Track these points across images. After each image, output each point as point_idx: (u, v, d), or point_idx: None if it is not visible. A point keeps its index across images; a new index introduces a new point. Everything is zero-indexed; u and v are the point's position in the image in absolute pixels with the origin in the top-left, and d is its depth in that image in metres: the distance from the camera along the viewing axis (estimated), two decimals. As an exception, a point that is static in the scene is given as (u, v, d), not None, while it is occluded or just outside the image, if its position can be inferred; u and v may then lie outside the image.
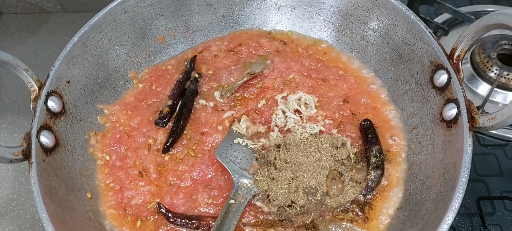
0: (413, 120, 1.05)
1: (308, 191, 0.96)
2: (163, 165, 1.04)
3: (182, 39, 1.26)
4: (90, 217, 0.95)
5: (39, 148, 0.91)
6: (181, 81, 1.16)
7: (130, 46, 1.19)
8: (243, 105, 1.12)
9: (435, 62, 0.98)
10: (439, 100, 0.97)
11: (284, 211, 0.96)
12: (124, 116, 1.11)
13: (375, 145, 1.01)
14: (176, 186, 1.01)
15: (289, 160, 1.00)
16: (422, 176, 0.96)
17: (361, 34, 1.18)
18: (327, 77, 1.15)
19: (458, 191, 0.81)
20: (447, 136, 0.93)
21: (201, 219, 0.95)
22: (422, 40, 1.02)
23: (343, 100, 1.11)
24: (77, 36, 1.05)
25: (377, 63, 1.16)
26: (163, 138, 1.08)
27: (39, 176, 0.87)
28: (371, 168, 0.98)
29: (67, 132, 1.01)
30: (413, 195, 0.95)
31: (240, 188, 0.97)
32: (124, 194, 1.00)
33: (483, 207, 1.09)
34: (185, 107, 1.11)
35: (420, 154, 1.00)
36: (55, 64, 1.00)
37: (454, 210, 0.80)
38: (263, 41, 1.23)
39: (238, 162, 1.01)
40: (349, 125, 1.07)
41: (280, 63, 1.18)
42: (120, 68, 1.17)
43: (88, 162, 1.04)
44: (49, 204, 0.85)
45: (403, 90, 1.09)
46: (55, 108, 0.98)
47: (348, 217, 0.95)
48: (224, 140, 1.05)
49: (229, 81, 1.16)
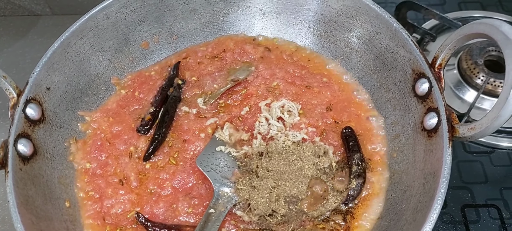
0: (396, 128, 1.04)
1: (289, 200, 0.96)
2: (144, 173, 1.03)
3: (166, 45, 1.25)
4: (68, 226, 0.94)
5: (16, 156, 0.90)
6: (164, 88, 1.15)
7: (113, 52, 1.18)
8: (226, 112, 1.11)
9: (417, 70, 0.98)
10: (421, 109, 0.97)
11: (264, 220, 0.95)
12: (105, 123, 1.10)
13: (357, 153, 1.00)
14: (157, 194, 1.00)
15: (271, 168, 0.99)
16: (403, 185, 0.95)
17: (345, 41, 1.17)
18: (311, 84, 1.14)
19: (437, 201, 0.80)
20: (428, 145, 0.92)
21: (180, 229, 0.94)
22: (404, 48, 1.01)
23: (326, 108, 1.11)
24: (57, 43, 1.04)
25: (360, 70, 1.15)
26: (144, 145, 1.07)
27: (15, 185, 0.86)
28: (353, 177, 0.98)
29: (46, 140, 1.00)
30: (394, 204, 0.94)
31: (221, 197, 0.96)
32: (104, 203, 0.99)
33: (468, 215, 1.08)
34: (167, 114, 1.10)
35: (401, 163, 0.99)
36: (34, 71, 0.99)
37: (432, 221, 0.79)
38: (247, 48, 1.22)
39: (220, 170, 1.00)
40: (331, 133, 1.06)
41: (264, 70, 1.17)
42: (102, 75, 1.16)
43: (67, 170, 1.03)
44: (24, 214, 0.84)
45: (386, 98, 1.08)
46: (34, 116, 0.97)
47: (329, 226, 0.94)
48: (206, 148, 1.04)
49: (213, 88, 1.16)
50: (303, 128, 1.06)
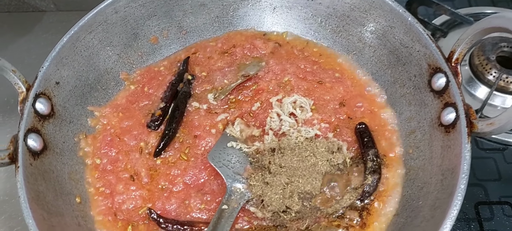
0: (411, 124, 1.03)
1: (303, 197, 0.94)
2: (154, 169, 1.02)
3: (175, 40, 1.23)
4: (79, 222, 0.93)
5: (26, 151, 0.89)
6: (173, 83, 1.13)
7: (122, 47, 1.16)
8: (237, 108, 1.10)
9: (433, 65, 0.96)
10: (437, 104, 0.95)
11: (278, 216, 0.94)
12: (115, 118, 1.09)
13: (372, 149, 0.99)
14: (168, 190, 0.99)
15: (284, 164, 0.97)
16: (420, 182, 0.94)
17: (358, 36, 1.16)
18: (323, 79, 1.13)
19: (457, 198, 0.79)
20: (445, 141, 0.91)
21: (193, 225, 0.93)
22: (420, 43, 1.00)
23: (339, 104, 1.09)
24: (66, 37, 1.03)
25: (374, 65, 1.14)
26: (155, 141, 1.06)
27: (25, 180, 0.85)
28: (368, 173, 0.96)
29: (55, 135, 0.98)
30: (410, 201, 0.93)
31: (234, 193, 0.95)
32: (115, 199, 0.98)
33: (482, 212, 1.07)
34: (177, 110, 1.08)
35: (417, 159, 0.98)
36: (43, 65, 0.98)
37: (452, 217, 0.78)
38: (258, 43, 1.21)
39: (232, 166, 0.98)
40: (345, 128, 1.05)
41: (275, 65, 1.16)
42: (111, 70, 1.15)
43: (77, 165, 1.01)
44: (36, 209, 0.83)
45: (400, 94, 1.07)
46: (43, 111, 0.96)
47: (344, 223, 0.93)
48: (217, 143, 1.03)
49: (223, 84, 1.14)
50: (316, 124, 1.05)
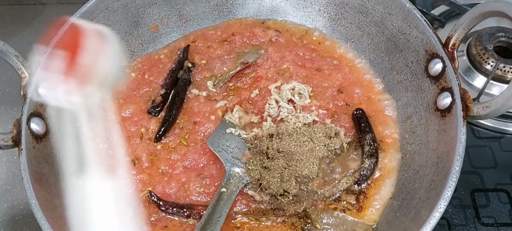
0: (408, 109, 1.04)
1: (301, 180, 0.96)
2: (155, 154, 1.03)
3: (175, 28, 1.25)
4: (80, 204, 0.94)
5: (29, 134, 0.90)
6: (174, 71, 1.15)
7: (123, 35, 1.18)
8: (236, 95, 1.11)
9: (430, 51, 0.98)
10: (434, 89, 0.96)
11: (276, 200, 0.95)
12: (116, 105, 1.10)
13: (369, 133, 1.00)
14: (168, 174, 1.00)
15: (282, 149, 0.99)
16: (416, 165, 0.95)
17: (357, 24, 1.17)
18: (322, 67, 1.14)
19: (451, 179, 0.80)
20: (441, 125, 0.92)
21: (192, 208, 0.94)
22: (417, 29, 1.01)
23: (337, 90, 1.10)
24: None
25: (372, 53, 1.15)
26: (155, 127, 1.07)
27: (29, 162, 0.86)
28: (365, 156, 0.97)
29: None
30: (406, 184, 0.94)
31: (232, 177, 0.96)
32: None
33: (478, 199, 1.08)
34: (177, 96, 1.10)
35: (413, 144, 0.99)
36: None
37: (446, 198, 0.79)
38: (257, 31, 1.22)
39: (231, 151, 1.00)
40: (343, 115, 1.06)
41: (274, 53, 1.17)
42: (112, 57, 1.16)
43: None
44: (38, 191, 0.84)
45: (397, 80, 1.08)
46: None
47: (341, 206, 0.94)
48: (217, 129, 1.04)
49: (222, 71, 1.16)
50: (314, 110, 1.06)
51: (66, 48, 0.79)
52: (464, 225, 1.04)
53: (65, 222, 0.85)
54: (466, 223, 1.04)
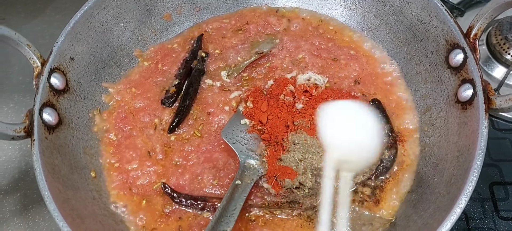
0: (427, 101, 1.02)
1: (317, 173, 0.94)
2: (169, 145, 1.02)
3: (188, 17, 1.23)
4: (94, 196, 0.93)
5: (42, 125, 0.89)
6: (187, 61, 1.13)
7: (135, 24, 1.16)
8: (250, 85, 1.09)
9: (451, 41, 0.95)
10: (454, 80, 0.94)
11: (291, 192, 0.94)
12: (129, 95, 1.09)
13: (386, 124, 0.98)
14: (182, 166, 0.99)
15: (298, 141, 0.97)
16: (435, 159, 0.93)
17: (374, 13, 1.14)
18: (338, 57, 1.12)
19: (472, 174, 0.78)
20: (462, 117, 0.90)
21: (206, 200, 0.93)
22: (437, 19, 0.98)
23: (354, 81, 1.08)
24: (80, 12, 1.03)
25: (390, 42, 1.12)
26: (169, 117, 1.06)
27: (41, 153, 0.85)
28: (385, 148, 0.95)
29: (70, 110, 0.99)
30: (425, 178, 0.92)
31: (247, 169, 0.95)
32: (130, 174, 0.98)
33: (496, 192, 1.06)
34: (191, 87, 1.08)
35: (433, 136, 0.97)
36: (58, 40, 0.98)
37: (467, 193, 0.77)
38: (271, 20, 1.20)
39: (245, 143, 0.98)
40: (360, 106, 1.04)
41: (289, 42, 1.15)
42: (125, 46, 1.15)
43: (92, 140, 1.02)
44: (51, 182, 0.83)
45: (416, 71, 1.05)
46: (58, 86, 0.96)
47: (358, 198, 0.93)
48: (231, 120, 1.03)
49: (237, 61, 1.14)
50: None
51: None
52: (483, 218, 1.02)
53: (78, 214, 0.85)
54: (484, 217, 1.03)
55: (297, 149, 0.96)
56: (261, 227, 0.91)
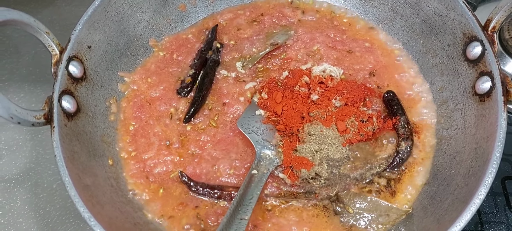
0: (443, 94, 1.02)
1: (332, 164, 0.94)
2: (185, 135, 1.03)
3: (203, 8, 1.23)
4: (111, 183, 0.94)
5: (61, 112, 0.90)
6: (202, 51, 1.13)
7: (151, 13, 1.16)
8: (265, 77, 1.10)
9: (469, 34, 0.95)
10: (472, 73, 0.94)
11: (307, 183, 0.94)
12: (144, 84, 1.10)
13: (402, 116, 0.98)
14: (198, 156, 1.00)
15: (313, 132, 0.97)
16: (452, 151, 0.93)
17: (390, 5, 1.14)
18: (353, 49, 1.12)
19: (492, 165, 0.79)
20: (480, 110, 0.90)
21: (223, 189, 0.94)
22: (455, 11, 0.98)
23: (369, 73, 1.08)
24: (98, 1, 1.02)
25: (405, 35, 1.12)
26: (184, 107, 1.06)
27: (61, 140, 0.86)
28: (401, 139, 0.96)
29: (88, 98, 0.99)
30: (442, 170, 0.93)
31: (263, 159, 0.95)
32: (146, 163, 0.99)
33: (509, 187, 1.06)
34: (206, 77, 1.09)
35: (449, 129, 0.97)
36: (76, 28, 0.98)
37: (487, 185, 0.78)
38: (286, 11, 1.20)
39: (261, 133, 0.99)
40: (375, 98, 1.04)
41: (304, 34, 1.15)
42: (140, 36, 1.15)
43: (109, 129, 1.03)
44: (71, 169, 0.84)
45: (432, 64, 1.05)
46: (76, 74, 0.96)
47: (375, 188, 0.93)
48: (246, 111, 1.03)
49: (251, 52, 1.14)
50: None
51: None
52: (495, 213, 1.03)
53: (98, 200, 0.86)
54: (496, 211, 1.03)
55: (313, 140, 0.96)
56: (278, 217, 0.92)
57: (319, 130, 0.97)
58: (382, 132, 0.98)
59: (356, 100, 1.03)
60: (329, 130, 0.98)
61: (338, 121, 0.99)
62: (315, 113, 1.00)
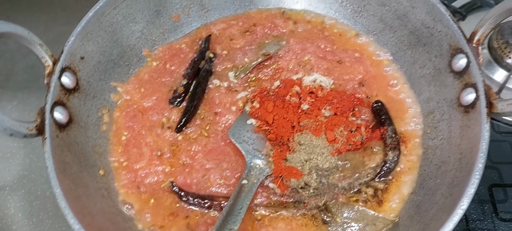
0: (430, 104, 1.03)
1: (321, 174, 0.96)
2: (176, 145, 1.04)
3: (196, 18, 1.24)
4: (103, 194, 0.95)
5: (53, 123, 0.91)
6: (195, 61, 1.15)
7: (145, 24, 1.18)
8: (257, 86, 1.11)
9: (455, 46, 0.97)
10: (457, 85, 0.96)
11: (297, 193, 0.95)
12: (137, 94, 1.11)
13: (390, 126, 1.00)
14: (189, 166, 1.01)
15: (303, 142, 0.99)
16: (437, 160, 0.95)
17: (379, 16, 1.16)
18: (343, 59, 1.14)
19: (474, 176, 0.80)
20: (465, 121, 0.92)
21: (213, 199, 0.95)
22: (441, 23, 1.00)
23: (359, 83, 1.10)
24: (91, 12, 1.04)
25: (394, 46, 1.14)
26: (176, 117, 1.08)
27: (53, 151, 0.87)
28: (389, 149, 0.97)
29: (80, 109, 1.00)
30: (427, 179, 0.94)
31: (253, 169, 0.96)
32: (138, 173, 1.00)
33: (496, 194, 1.07)
34: (199, 87, 1.10)
35: (435, 139, 0.99)
36: (69, 40, 0.99)
37: (469, 195, 0.79)
38: (278, 22, 1.21)
39: (251, 143, 1.00)
40: (364, 108, 1.05)
41: (295, 44, 1.17)
42: (134, 46, 1.16)
43: (101, 139, 1.04)
44: (62, 180, 0.85)
45: (420, 74, 1.07)
46: (69, 85, 0.97)
47: (362, 197, 0.95)
48: (238, 120, 1.05)
49: (244, 62, 1.15)
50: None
51: None
52: (482, 220, 1.04)
53: (89, 211, 0.87)
54: (483, 218, 1.04)
55: (303, 149, 0.98)
56: (267, 226, 0.93)
57: (309, 139, 0.99)
58: (370, 141, 1.00)
59: (346, 110, 1.04)
60: (318, 139, 0.99)
61: (328, 130, 1.00)
62: (305, 123, 1.02)
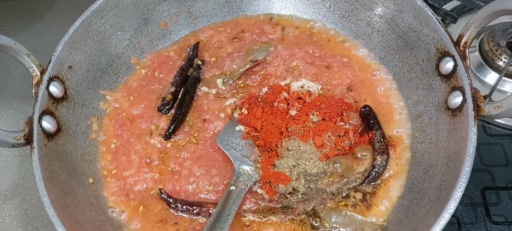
0: (418, 108, 1.03)
1: (310, 179, 0.96)
2: (165, 152, 1.04)
3: (184, 25, 1.25)
4: (91, 202, 0.95)
5: (41, 132, 0.91)
6: (184, 68, 1.15)
7: (133, 32, 1.18)
8: (245, 93, 1.11)
9: (441, 49, 0.97)
10: (445, 88, 0.96)
11: (285, 198, 0.95)
12: (126, 102, 1.11)
13: (378, 130, 1.00)
14: (178, 172, 1.01)
15: (291, 147, 0.99)
16: (425, 164, 0.95)
17: (367, 21, 1.16)
18: (331, 64, 1.14)
19: (461, 180, 0.80)
20: (452, 124, 0.91)
21: (202, 205, 0.95)
22: (428, 27, 1.00)
23: (347, 88, 1.10)
24: (78, 22, 1.05)
25: (382, 50, 1.14)
26: (165, 124, 1.08)
27: (40, 160, 0.87)
28: (377, 153, 0.97)
29: (69, 117, 1.01)
30: (415, 183, 0.94)
31: (241, 175, 0.96)
32: (127, 180, 1.00)
33: (488, 197, 1.07)
34: (187, 94, 1.10)
35: (423, 143, 0.98)
36: (57, 49, 1.00)
37: (456, 199, 0.79)
38: (266, 28, 1.22)
39: (240, 149, 1.00)
40: (352, 113, 1.05)
41: (283, 50, 1.17)
42: (122, 54, 1.17)
43: (90, 147, 1.04)
44: (50, 189, 0.85)
45: (408, 78, 1.07)
46: (57, 94, 0.98)
47: (350, 202, 0.94)
48: (226, 127, 1.05)
49: (232, 69, 1.16)
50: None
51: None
52: (474, 223, 1.04)
53: (77, 219, 0.87)
54: (476, 221, 1.04)
55: (291, 155, 0.98)
56: (255, 232, 0.93)
57: (297, 145, 0.99)
58: (358, 146, 1.00)
59: (334, 115, 1.04)
60: (306, 145, 0.99)
61: (315, 135, 1.00)
62: (293, 128, 1.02)
